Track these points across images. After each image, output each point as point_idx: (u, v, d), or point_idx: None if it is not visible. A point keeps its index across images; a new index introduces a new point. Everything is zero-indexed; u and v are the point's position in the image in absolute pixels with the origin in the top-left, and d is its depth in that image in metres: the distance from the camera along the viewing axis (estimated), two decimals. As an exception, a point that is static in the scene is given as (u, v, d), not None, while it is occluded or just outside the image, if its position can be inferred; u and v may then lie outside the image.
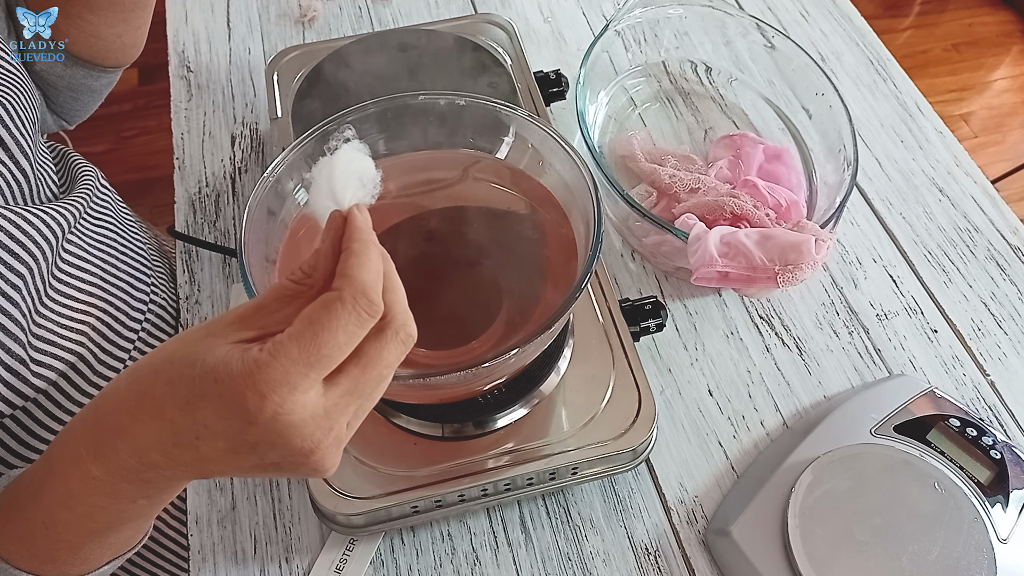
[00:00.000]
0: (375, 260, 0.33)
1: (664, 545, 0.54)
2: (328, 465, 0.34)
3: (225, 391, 0.30)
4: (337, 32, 0.84)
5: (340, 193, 0.34)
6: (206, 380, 0.31)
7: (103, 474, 0.34)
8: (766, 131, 0.75)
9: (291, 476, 0.36)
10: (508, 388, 0.53)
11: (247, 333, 0.32)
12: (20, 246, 0.48)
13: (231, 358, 0.31)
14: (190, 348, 0.32)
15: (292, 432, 0.31)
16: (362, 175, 0.36)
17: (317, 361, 0.31)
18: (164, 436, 0.32)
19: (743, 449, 0.59)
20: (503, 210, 0.55)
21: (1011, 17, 2.23)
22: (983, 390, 0.62)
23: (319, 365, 0.31)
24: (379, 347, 0.33)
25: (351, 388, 0.33)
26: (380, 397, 0.35)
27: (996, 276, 0.68)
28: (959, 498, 0.51)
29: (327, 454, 0.33)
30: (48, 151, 0.61)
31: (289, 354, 0.30)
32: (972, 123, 2.00)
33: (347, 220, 0.34)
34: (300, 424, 0.31)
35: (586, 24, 0.86)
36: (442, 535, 0.55)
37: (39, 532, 0.38)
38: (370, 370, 0.33)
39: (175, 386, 0.32)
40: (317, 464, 0.33)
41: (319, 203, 0.35)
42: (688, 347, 0.63)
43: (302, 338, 0.30)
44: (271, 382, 0.30)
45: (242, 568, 0.54)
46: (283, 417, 0.31)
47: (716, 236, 0.59)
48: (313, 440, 0.32)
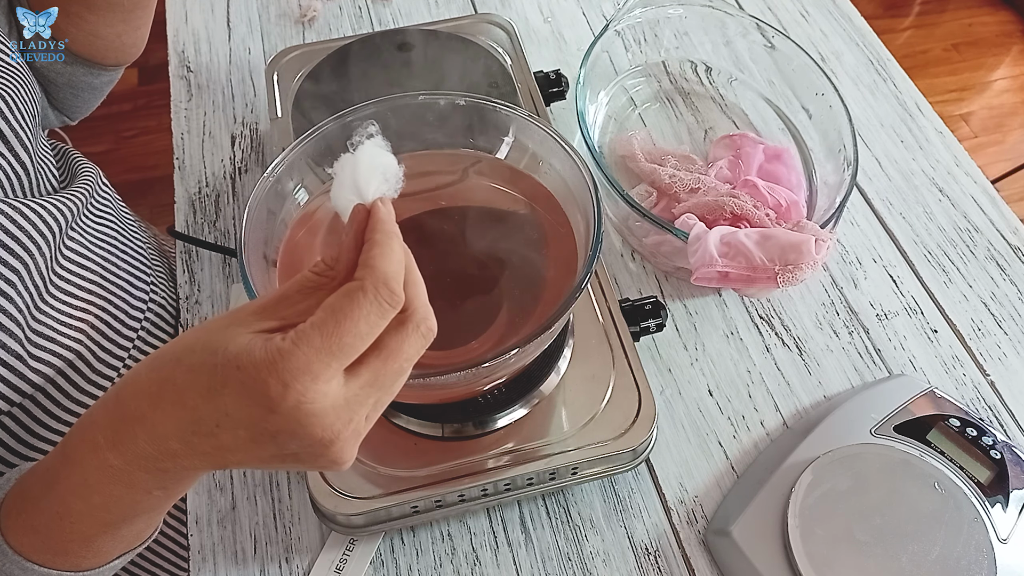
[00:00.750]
0: (397, 252, 0.33)
1: (664, 545, 0.55)
2: (347, 457, 0.34)
3: (247, 379, 0.30)
4: (337, 32, 0.85)
5: (364, 187, 0.35)
6: (228, 368, 0.31)
7: (121, 462, 0.34)
8: (766, 131, 0.75)
9: (310, 468, 0.35)
10: (508, 388, 0.53)
11: (269, 323, 0.32)
12: (15, 240, 0.48)
13: (254, 346, 0.31)
14: (212, 336, 0.32)
15: (313, 421, 0.31)
16: (385, 170, 0.36)
17: (339, 350, 0.31)
18: (184, 424, 0.32)
19: (743, 449, 0.59)
20: (503, 210, 0.54)
21: (1011, 17, 2.23)
22: (983, 390, 0.62)
23: (341, 354, 0.31)
24: (400, 339, 0.33)
25: (371, 380, 0.33)
26: (399, 390, 0.35)
27: (996, 276, 0.68)
28: (959, 498, 0.51)
29: (346, 445, 0.33)
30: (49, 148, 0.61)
31: (312, 343, 0.30)
32: (972, 123, 2.00)
33: (371, 212, 0.34)
34: (321, 413, 0.31)
35: (586, 24, 0.86)
36: (442, 535, 0.55)
37: (53, 523, 0.38)
38: (391, 362, 0.33)
39: (197, 374, 0.32)
40: (336, 455, 0.33)
41: (342, 197, 0.35)
42: (688, 347, 0.63)
43: (324, 327, 0.31)
44: (294, 370, 0.30)
45: (242, 568, 0.53)
46: (305, 406, 0.31)
47: (716, 236, 0.59)
48: (333, 430, 0.32)
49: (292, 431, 0.31)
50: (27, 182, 0.52)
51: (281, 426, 0.31)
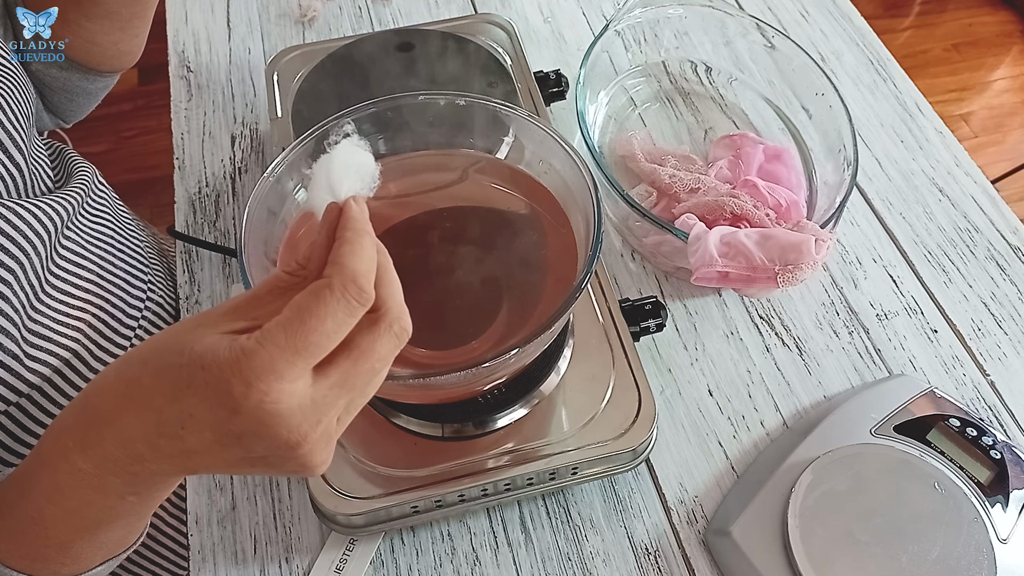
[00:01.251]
0: (368, 249, 0.32)
1: (664, 545, 0.54)
2: (316, 461, 0.33)
3: (211, 378, 0.30)
4: (337, 32, 0.84)
5: (337, 185, 0.34)
6: (193, 367, 0.30)
7: (90, 467, 0.34)
8: (766, 131, 0.75)
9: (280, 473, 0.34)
10: (508, 388, 0.53)
11: (239, 324, 0.32)
12: (10, 240, 0.48)
13: (219, 346, 0.30)
14: (180, 337, 0.32)
15: (278, 422, 0.30)
16: (360, 169, 0.36)
17: (305, 349, 0.30)
18: (150, 426, 0.32)
19: (743, 449, 0.58)
20: (503, 210, 0.54)
21: (1011, 17, 2.23)
22: (983, 390, 0.62)
23: (307, 353, 0.30)
24: (372, 339, 0.32)
25: (341, 380, 0.32)
26: (373, 393, 0.34)
27: (996, 276, 0.68)
28: (959, 498, 0.51)
29: (315, 448, 0.32)
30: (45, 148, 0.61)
31: (276, 341, 0.30)
32: (972, 123, 2.00)
33: (342, 210, 0.33)
34: (287, 414, 0.30)
35: (586, 24, 0.86)
36: (442, 535, 0.55)
37: (28, 528, 0.38)
38: (362, 363, 0.32)
39: (163, 374, 0.31)
40: (305, 459, 0.32)
41: (317, 197, 0.35)
42: (688, 347, 0.63)
43: (290, 326, 0.30)
44: (257, 369, 0.29)
45: (242, 568, 0.53)
46: (268, 405, 0.30)
47: (716, 236, 0.59)
48: (300, 432, 0.31)
49: (257, 432, 0.31)
50: (21, 183, 0.52)
51: (245, 427, 0.30)
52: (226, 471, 0.34)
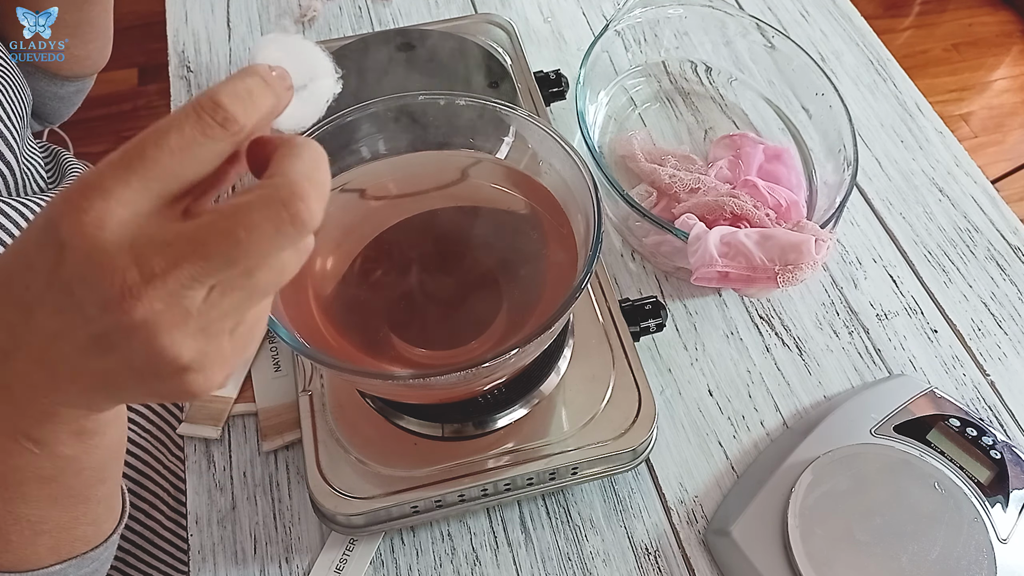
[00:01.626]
0: (248, 83, 0.27)
1: (664, 545, 0.54)
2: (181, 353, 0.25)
3: (42, 214, 0.25)
4: (337, 32, 0.84)
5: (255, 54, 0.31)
6: (38, 218, 0.26)
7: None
8: (766, 131, 0.75)
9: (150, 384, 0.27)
10: (508, 388, 0.53)
11: None
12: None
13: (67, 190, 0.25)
14: None
15: (102, 258, 0.24)
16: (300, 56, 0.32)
17: (140, 164, 0.25)
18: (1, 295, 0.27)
19: (743, 449, 0.58)
20: (503, 210, 0.54)
21: (1011, 17, 2.23)
22: (983, 390, 0.62)
23: (142, 169, 0.25)
24: (245, 201, 0.25)
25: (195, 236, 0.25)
26: (258, 297, 0.28)
27: (996, 276, 0.68)
28: (959, 498, 0.51)
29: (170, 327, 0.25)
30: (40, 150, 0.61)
31: (109, 160, 0.25)
32: (972, 123, 2.00)
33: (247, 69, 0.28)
34: (114, 248, 0.24)
35: (586, 24, 0.86)
36: (442, 535, 0.55)
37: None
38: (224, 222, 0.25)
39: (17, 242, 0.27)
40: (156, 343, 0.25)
41: None
42: (688, 347, 0.63)
43: (127, 145, 0.25)
44: (82, 187, 0.24)
45: (242, 568, 0.54)
46: (88, 228, 0.24)
47: (716, 236, 0.59)
48: (131, 279, 0.24)
49: (82, 275, 0.24)
50: (12, 183, 0.52)
51: (72, 269, 0.24)
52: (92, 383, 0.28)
